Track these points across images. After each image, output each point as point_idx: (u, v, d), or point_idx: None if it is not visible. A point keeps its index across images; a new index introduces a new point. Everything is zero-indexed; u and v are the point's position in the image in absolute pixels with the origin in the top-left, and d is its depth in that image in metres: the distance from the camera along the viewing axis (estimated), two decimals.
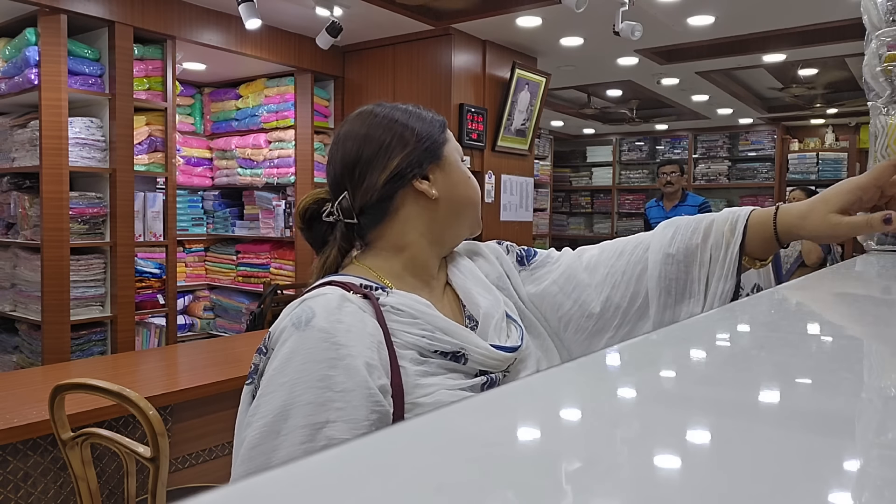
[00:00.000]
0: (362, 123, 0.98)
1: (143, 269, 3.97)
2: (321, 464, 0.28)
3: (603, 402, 0.40)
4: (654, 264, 1.00)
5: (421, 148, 0.97)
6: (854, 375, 0.48)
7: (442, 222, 0.98)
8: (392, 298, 0.89)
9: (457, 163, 1.01)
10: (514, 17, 4.14)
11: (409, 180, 0.95)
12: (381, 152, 0.95)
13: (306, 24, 4.27)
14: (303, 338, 0.80)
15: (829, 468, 0.29)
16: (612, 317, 1.02)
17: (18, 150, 3.70)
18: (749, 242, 0.96)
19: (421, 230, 0.97)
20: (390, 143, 0.96)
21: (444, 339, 0.87)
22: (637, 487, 0.27)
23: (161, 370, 2.73)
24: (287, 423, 0.77)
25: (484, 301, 0.98)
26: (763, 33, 4.61)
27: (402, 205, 0.96)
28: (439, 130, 1.00)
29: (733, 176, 8.04)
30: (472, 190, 1.02)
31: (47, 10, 3.41)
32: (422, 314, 0.88)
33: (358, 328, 0.82)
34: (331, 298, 0.84)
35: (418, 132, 0.97)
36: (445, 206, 0.98)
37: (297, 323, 0.82)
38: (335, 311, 0.82)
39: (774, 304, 0.77)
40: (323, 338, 0.80)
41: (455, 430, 0.34)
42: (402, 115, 0.99)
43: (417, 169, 0.96)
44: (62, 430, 1.71)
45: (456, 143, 1.04)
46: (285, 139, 4.81)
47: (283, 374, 0.79)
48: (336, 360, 0.79)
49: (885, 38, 1.36)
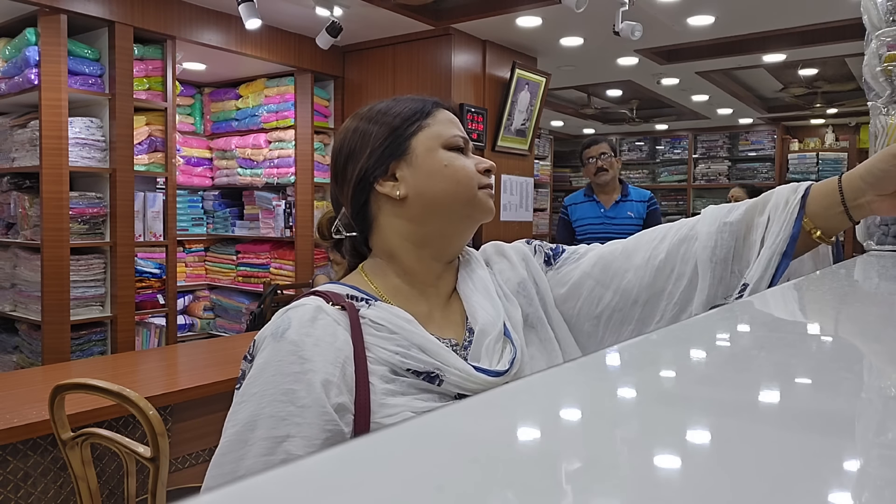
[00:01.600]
0: (340, 135, 0.97)
1: (143, 269, 3.97)
2: (322, 463, 0.28)
3: (603, 402, 0.40)
4: (707, 235, 0.93)
5: (382, 146, 0.91)
6: (854, 375, 0.48)
7: (421, 222, 0.92)
8: (373, 311, 0.85)
9: (430, 151, 0.92)
10: (514, 17, 4.14)
11: (371, 184, 0.91)
12: (350, 162, 0.93)
13: (306, 24, 4.27)
14: (276, 349, 0.80)
15: (829, 468, 0.29)
16: (658, 300, 0.96)
17: (18, 150, 3.70)
18: (812, 202, 0.89)
19: (402, 234, 0.92)
20: (354, 149, 0.93)
21: (419, 357, 0.83)
22: (637, 487, 0.27)
23: (161, 370, 2.73)
24: (254, 434, 0.77)
25: (483, 315, 0.92)
26: (763, 33, 4.61)
27: (377, 211, 0.93)
28: (415, 118, 0.93)
29: (733, 176, 8.04)
30: (450, 180, 0.91)
31: (47, 10, 3.41)
32: (400, 329, 0.84)
33: (326, 342, 0.81)
34: (306, 310, 0.83)
35: (382, 124, 0.92)
36: (418, 204, 0.91)
37: (275, 333, 0.81)
38: (307, 324, 0.81)
39: (774, 305, 0.77)
40: (292, 350, 0.79)
41: (455, 430, 0.34)
42: (374, 113, 0.94)
43: (378, 170, 0.91)
44: (62, 430, 1.71)
45: (446, 128, 0.94)
46: (285, 139, 4.81)
47: (255, 385, 0.79)
48: (300, 375, 0.78)
49: (885, 38, 1.36)
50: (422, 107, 0.94)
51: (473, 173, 0.93)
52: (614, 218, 3.52)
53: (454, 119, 0.97)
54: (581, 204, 3.61)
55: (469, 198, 0.92)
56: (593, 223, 3.56)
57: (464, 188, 0.92)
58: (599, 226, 3.53)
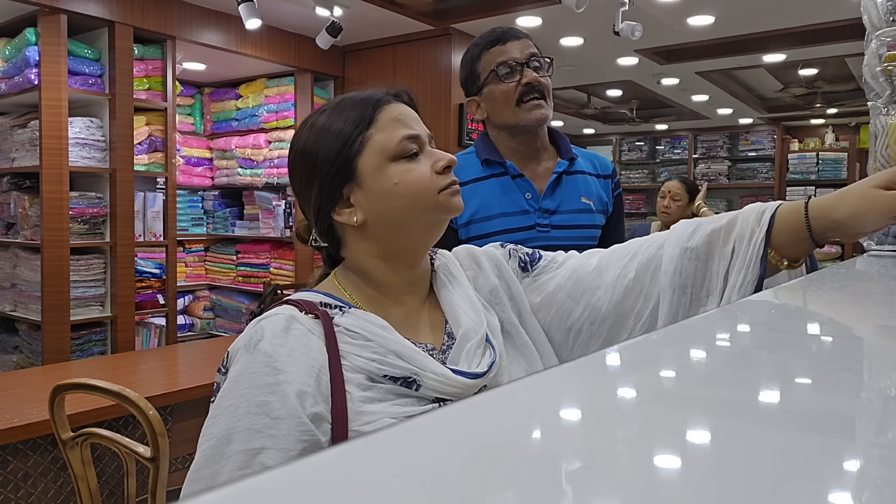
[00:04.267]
0: (291, 154, 0.93)
1: (143, 269, 3.97)
2: (322, 463, 0.28)
3: (603, 402, 0.40)
4: (669, 259, 0.92)
5: (330, 174, 0.87)
6: (854, 375, 0.48)
7: (387, 240, 0.89)
8: (347, 319, 0.84)
9: (378, 170, 0.86)
10: (514, 17, 4.14)
11: (329, 213, 0.88)
12: (303, 186, 0.91)
13: (306, 24, 4.27)
14: (249, 361, 0.79)
15: (829, 468, 0.29)
16: (626, 319, 0.95)
17: (18, 150, 3.70)
18: (778, 235, 0.86)
19: (369, 253, 0.90)
20: (304, 176, 0.90)
21: (395, 363, 0.82)
22: (637, 487, 0.27)
23: (161, 370, 2.73)
24: (229, 447, 0.76)
25: (466, 321, 0.90)
26: (763, 33, 4.61)
27: (343, 233, 0.91)
28: (356, 133, 0.87)
29: (733, 176, 8.04)
30: (405, 197, 0.86)
31: (47, 10, 3.41)
32: (375, 336, 0.83)
33: (300, 352, 0.79)
34: (279, 320, 0.81)
35: (325, 152, 0.87)
36: (379, 225, 0.88)
37: (248, 344, 0.80)
38: (280, 334, 0.80)
39: (774, 304, 0.77)
40: (265, 362, 0.78)
41: (455, 430, 0.34)
42: (315, 133, 0.89)
43: (331, 199, 0.87)
44: (62, 430, 1.71)
45: (391, 132, 0.87)
46: (285, 139, 4.81)
47: (228, 398, 0.78)
48: (274, 386, 0.77)
49: (885, 38, 1.36)
50: (362, 114, 0.88)
51: (429, 179, 0.87)
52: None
53: (403, 115, 0.89)
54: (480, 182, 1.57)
55: (430, 206, 0.87)
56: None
57: (422, 199, 0.87)
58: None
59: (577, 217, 1.53)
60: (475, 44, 1.56)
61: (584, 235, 1.52)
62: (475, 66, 1.54)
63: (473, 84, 1.55)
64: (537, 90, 1.50)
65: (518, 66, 1.49)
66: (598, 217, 1.58)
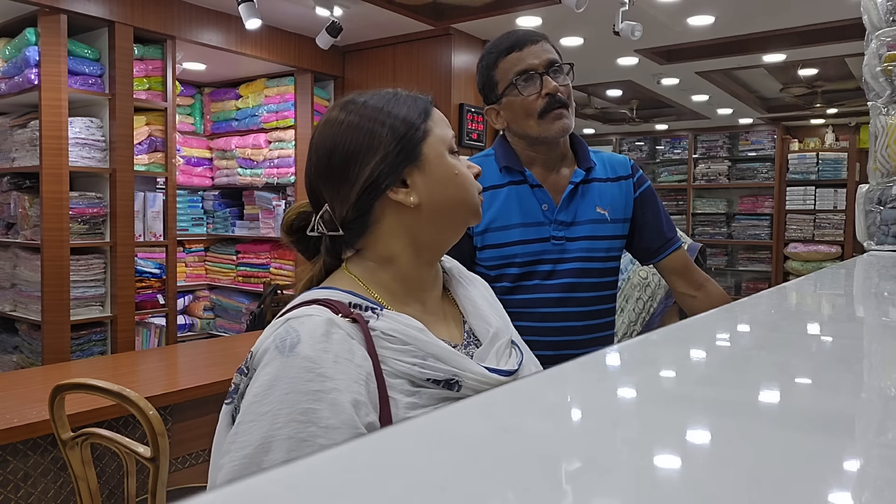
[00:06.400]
0: (331, 129, 0.89)
1: (143, 269, 3.97)
2: (322, 464, 0.28)
3: (603, 402, 0.40)
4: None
5: (394, 151, 0.86)
6: (854, 375, 0.48)
7: (428, 229, 0.89)
8: (383, 322, 0.82)
9: (440, 158, 0.89)
10: (514, 17, 4.14)
11: (384, 191, 0.86)
12: (352, 162, 0.87)
13: (306, 24, 4.27)
14: (286, 364, 0.75)
15: (829, 468, 0.29)
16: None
17: (18, 150, 3.70)
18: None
19: (405, 241, 0.89)
20: (360, 147, 0.87)
21: (436, 366, 0.81)
22: (637, 487, 0.27)
23: (161, 370, 2.73)
24: (268, 457, 0.72)
25: (496, 321, 0.93)
26: (763, 33, 4.61)
27: (381, 216, 0.88)
28: (419, 121, 0.89)
29: (733, 176, 8.04)
30: (461, 189, 0.90)
31: (47, 10, 3.40)
32: (414, 340, 0.82)
33: (346, 359, 0.76)
34: (317, 323, 0.78)
35: (391, 127, 0.87)
36: (429, 212, 0.88)
37: (281, 347, 0.76)
38: (322, 339, 0.76)
39: (774, 304, 0.77)
40: (308, 367, 0.74)
41: (455, 430, 0.34)
42: (372, 111, 0.88)
43: (391, 177, 0.86)
44: (62, 430, 1.71)
45: (444, 129, 0.91)
46: (285, 139, 4.81)
47: (264, 403, 0.74)
48: (321, 394, 0.73)
49: (885, 38, 1.36)
50: (424, 107, 0.90)
51: (473, 180, 0.92)
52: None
53: (445, 118, 0.95)
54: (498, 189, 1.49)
55: (473, 205, 0.92)
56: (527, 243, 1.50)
57: (470, 196, 0.91)
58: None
59: (593, 228, 1.48)
60: (490, 50, 1.49)
61: (600, 247, 1.47)
62: (492, 73, 1.48)
63: (491, 92, 1.49)
64: (558, 100, 1.46)
65: (537, 76, 1.44)
66: (616, 227, 1.51)
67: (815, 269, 6.13)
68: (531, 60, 1.44)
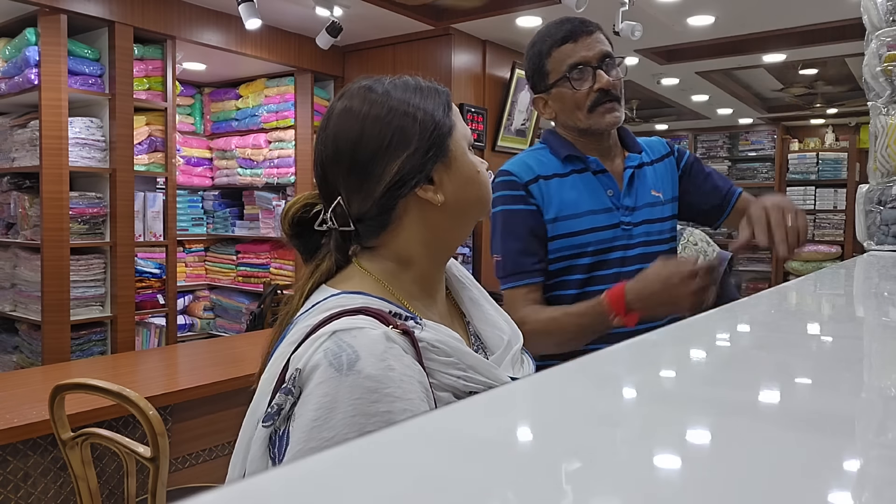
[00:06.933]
0: (355, 120, 0.82)
1: (143, 269, 3.97)
2: (321, 464, 0.28)
3: (603, 402, 0.40)
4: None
5: (424, 146, 0.81)
6: (854, 375, 0.48)
7: (447, 228, 0.86)
8: (427, 334, 0.77)
9: (464, 156, 0.85)
10: (514, 17, 4.14)
11: (413, 188, 0.81)
12: (380, 155, 0.81)
13: (306, 24, 4.27)
14: (347, 384, 0.69)
15: (829, 468, 0.29)
16: None
17: (18, 150, 3.70)
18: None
19: (425, 240, 0.85)
20: (390, 141, 0.80)
21: (476, 378, 0.78)
22: (637, 487, 0.27)
23: (161, 370, 2.73)
24: None
25: (507, 328, 0.91)
26: (763, 33, 4.61)
27: (404, 213, 0.83)
28: (444, 113, 0.84)
29: (733, 176, 8.04)
30: (483, 187, 0.87)
31: (47, 10, 3.40)
32: (455, 351, 0.78)
33: (409, 376, 0.71)
34: (375, 338, 0.72)
35: (421, 122, 0.81)
36: (453, 211, 0.84)
37: (338, 365, 0.70)
38: (383, 356, 0.71)
39: (774, 304, 0.77)
40: (373, 388, 0.69)
41: (455, 430, 0.34)
42: (399, 103, 0.82)
43: (420, 174, 0.81)
44: (62, 430, 1.71)
45: (463, 125, 0.87)
46: (285, 139, 4.81)
47: (326, 428, 0.68)
48: (392, 415, 0.68)
49: (885, 38, 1.36)
50: (446, 100, 0.86)
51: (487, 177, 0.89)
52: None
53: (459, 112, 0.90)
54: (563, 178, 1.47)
55: (489, 204, 0.91)
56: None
57: (489, 194, 0.89)
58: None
59: (650, 211, 1.47)
60: (544, 37, 1.44)
61: (658, 230, 1.47)
62: (543, 62, 1.44)
63: (541, 81, 1.46)
64: (611, 94, 1.41)
65: (590, 70, 1.40)
66: (668, 208, 1.52)
67: (815, 269, 6.12)
68: (585, 53, 1.40)
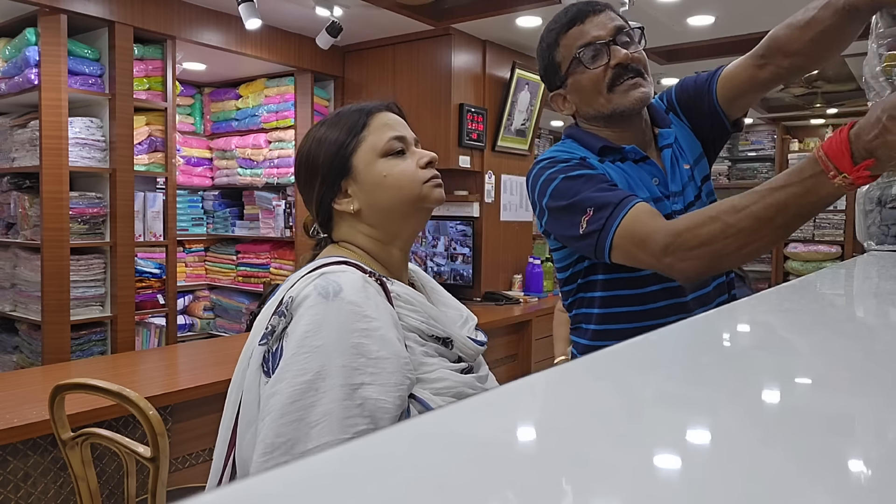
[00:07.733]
0: (301, 146, 1.08)
1: (143, 269, 3.97)
2: (321, 464, 0.28)
3: (603, 402, 0.40)
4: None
5: (329, 169, 1.02)
6: (854, 375, 0.48)
7: (380, 225, 1.04)
8: (396, 287, 0.98)
9: (369, 165, 1.02)
10: (514, 17, 4.14)
11: (330, 202, 1.04)
12: (307, 179, 1.05)
13: (306, 24, 4.27)
14: (333, 308, 0.87)
15: (830, 468, 0.29)
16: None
17: (18, 150, 3.70)
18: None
19: (367, 234, 1.04)
20: (308, 168, 1.05)
21: (437, 326, 0.98)
22: (637, 487, 0.27)
23: (161, 370, 2.73)
24: (326, 382, 0.83)
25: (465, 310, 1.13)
26: (763, 33, 4.58)
27: (339, 218, 1.05)
28: (350, 137, 1.02)
29: (733, 176, 8.04)
30: (393, 188, 1.02)
31: (47, 10, 3.40)
32: (419, 303, 0.98)
33: (382, 307, 0.91)
34: (355, 277, 0.91)
35: (325, 151, 1.03)
36: (371, 214, 1.03)
37: (325, 294, 0.88)
38: (360, 290, 0.89)
39: (775, 304, 0.77)
40: (353, 310, 0.87)
41: (455, 430, 0.34)
42: (317, 134, 1.05)
43: (330, 192, 1.03)
44: (62, 430, 1.71)
45: (380, 135, 1.03)
46: (285, 139, 4.81)
47: (316, 338, 0.85)
48: (369, 332, 0.86)
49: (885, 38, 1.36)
50: (357, 120, 1.03)
51: (413, 173, 1.02)
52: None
53: (391, 121, 1.05)
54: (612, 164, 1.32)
55: (415, 196, 1.02)
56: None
57: (408, 190, 1.02)
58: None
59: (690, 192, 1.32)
60: (550, 28, 1.31)
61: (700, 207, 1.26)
62: (553, 54, 1.30)
63: (555, 76, 1.31)
64: (631, 69, 1.25)
65: (603, 47, 1.24)
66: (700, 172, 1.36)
67: (815, 269, 6.13)
68: (596, 32, 1.26)
